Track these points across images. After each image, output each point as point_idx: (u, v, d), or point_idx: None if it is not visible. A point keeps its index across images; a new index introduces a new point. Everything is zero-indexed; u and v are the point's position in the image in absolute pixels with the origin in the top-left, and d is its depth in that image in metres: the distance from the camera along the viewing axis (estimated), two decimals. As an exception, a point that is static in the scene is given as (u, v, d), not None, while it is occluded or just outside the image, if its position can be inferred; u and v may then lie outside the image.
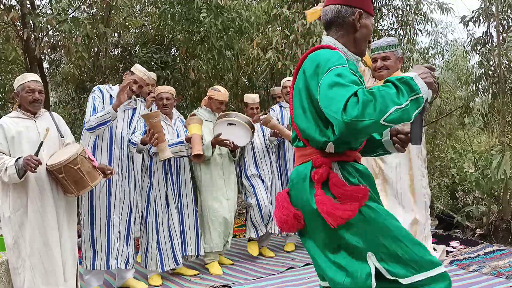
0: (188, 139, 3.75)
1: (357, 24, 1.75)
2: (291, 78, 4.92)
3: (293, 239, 4.88)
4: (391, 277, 1.60)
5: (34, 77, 3.08)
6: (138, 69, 3.62)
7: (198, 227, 4.07)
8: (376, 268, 1.61)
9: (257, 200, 4.48)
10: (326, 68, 1.59)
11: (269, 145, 4.69)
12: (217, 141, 4.04)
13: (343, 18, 1.76)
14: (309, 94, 1.70)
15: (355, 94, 1.46)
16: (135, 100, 3.78)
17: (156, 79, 4.71)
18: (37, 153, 2.84)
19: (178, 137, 3.98)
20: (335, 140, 1.66)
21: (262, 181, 4.54)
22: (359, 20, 1.75)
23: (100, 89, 3.60)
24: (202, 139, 3.76)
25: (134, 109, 3.74)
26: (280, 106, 4.93)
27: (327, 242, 1.69)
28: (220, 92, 4.29)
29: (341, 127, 1.48)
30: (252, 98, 4.65)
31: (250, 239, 4.59)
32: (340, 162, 1.71)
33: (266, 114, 4.52)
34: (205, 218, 4.21)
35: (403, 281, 1.60)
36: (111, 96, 3.60)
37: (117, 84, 3.69)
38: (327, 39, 1.79)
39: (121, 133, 3.62)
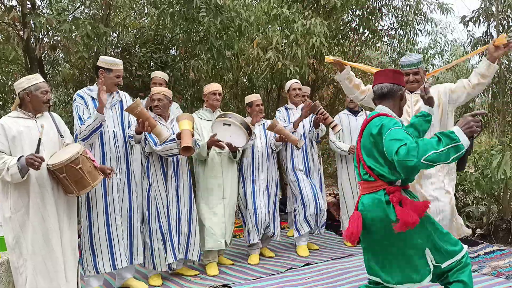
0: (179, 136, 3.69)
1: (403, 96, 2.58)
2: (297, 81, 4.99)
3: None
4: (435, 264, 2.41)
5: (42, 78, 3.12)
6: (109, 62, 3.57)
7: (191, 230, 4.03)
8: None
9: (254, 204, 4.46)
10: (387, 129, 2.34)
11: (275, 150, 4.69)
12: (212, 142, 4.04)
13: (395, 93, 2.56)
14: (378, 147, 2.41)
15: (405, 144, 2.19)
16: (118, 92, 3.73)
17: (167, 79, 4.75)
18: (37, 151, 2.85)
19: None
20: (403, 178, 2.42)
21: (259, 185, 4.52)
22: (404, 93, 2.59)
23: (80, 96, 3.55)
24: (193, 135, 3.73)
25: (120, 101, 3.72)
26: (286, 108, 4.95)
27: (400, 245, 2.42)
28: (210, 84, 4.47)
29: (397, 165, 2.23)
30: (254, 96, 4.71)
31: (249, 246, 4.55)
32: (404, 190, 2.48)
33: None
34: (201, 217, 4.22)
35: (442, 265, 2.41)
36: (93, 98, 3.57)
37: (95, 84, 3.65)
38: (382, 108, 2.55)
39: (114, 131, 3.61)
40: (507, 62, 5.35)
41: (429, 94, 2.87)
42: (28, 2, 5.28)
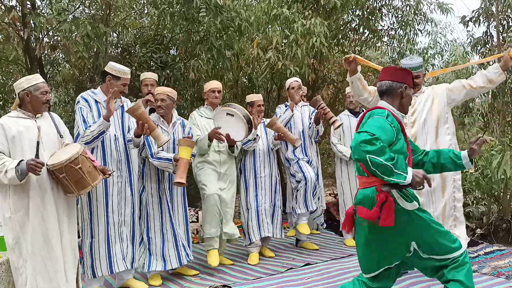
0: (176, 160, 3.70)
1: (403, 94, 2.57)
2: (297, 79, 5.00)
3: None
4: (426, 256, 2.44)
5: (42, 78, 3.11)
6: (118, 70, 3.59)
7: (189, 233, 4.05)
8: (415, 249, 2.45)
9: (256, 202, 4.47)
10: (371, 116, 2.46)
11: (273, 149, 4.69)
12: (213, 133, 4.02)
13: (394, 90, 2.57)
14: None
15: (373, 134, 2.26)
16: (120, 98, 3.73)
17: (157, 79, 4.73)
18: (37, 155, 2.84)
19: (173, 144, 3.98)
20: None
21: (260, 183, 4.53)
22: (405, 91, 2.57)
23: (84, 98, 3.56)
24: (189, 164, 3.74)
25: (122, 106, 3.73)
26: (286, 106, 4.96)
27: (382, 239, 2.44)
28: (210, 82, 4.49)
29: (352, 142, 2.31)
30: (256, 96, 4.74)
31: (249, 244, 4.55)
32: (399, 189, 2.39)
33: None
34: (202, 204, 4.23)
35: (436, 257, 2.42)
36: (96, 101, 3.58)
37: (99, 87, 3.66)
38: (381, 103, 2.60)
39: (115, 135, 3.61)
40: (507, 62, 5.35)
41: (475, 146, 2.60)
42: (28, 2, 5.28)
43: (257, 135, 4.40)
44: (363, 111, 5.14)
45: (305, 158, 4.81)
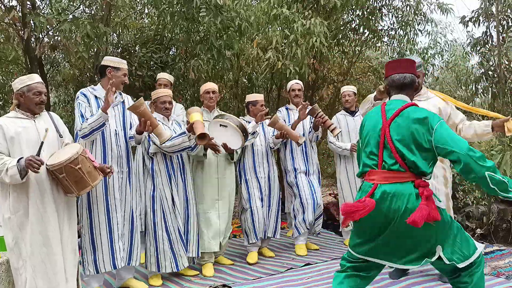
0: (190, 128, 3.72)
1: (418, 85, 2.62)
2: (298, 81, 4.99)
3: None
4: (448, 262, 2.37)
5: (39, 78, 3.09)
6: (116, 61, 3.61)
7: (190, 226, 4.08)
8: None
9: (250, 205, 4.46)
10: (435, 120, 2.38)
11: (273, 148, 4.69)
12: (208, 144, 4.03)
13: (414, 83, 2.57)
14: (419, 137, 2.39)
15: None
16: (120, 94, 3.74)
17: (172, 82, 4.78)
18: (38, 153, 2.84)
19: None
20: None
21: (259, 184, 4.53)
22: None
23: (83, 94, 3.56)
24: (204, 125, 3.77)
25: (123, 102, 3.73)
26: (287, 109, 4.96)
27: (418, 238, 2.39)
28: (205, 84, 4.51)
29: (465, 160, 2.27)
30: (259, 95, 4.74)
31: (249, 246, 4.55)
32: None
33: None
34: (199, 218, 4.23)
35: (459, 265, 2.37)
36: (96, 97, 3.58)
37: (99, 83, 3.68)
38: (406, 98, 2.56)
39: (115, 130, 3.62)
40: (507, 62, 5.36)
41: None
42: (28, 2, 5.28)
43: (256, 131, 4.41)
44: (359, 110, 5.14)
45: (303, 168, 4.75)
